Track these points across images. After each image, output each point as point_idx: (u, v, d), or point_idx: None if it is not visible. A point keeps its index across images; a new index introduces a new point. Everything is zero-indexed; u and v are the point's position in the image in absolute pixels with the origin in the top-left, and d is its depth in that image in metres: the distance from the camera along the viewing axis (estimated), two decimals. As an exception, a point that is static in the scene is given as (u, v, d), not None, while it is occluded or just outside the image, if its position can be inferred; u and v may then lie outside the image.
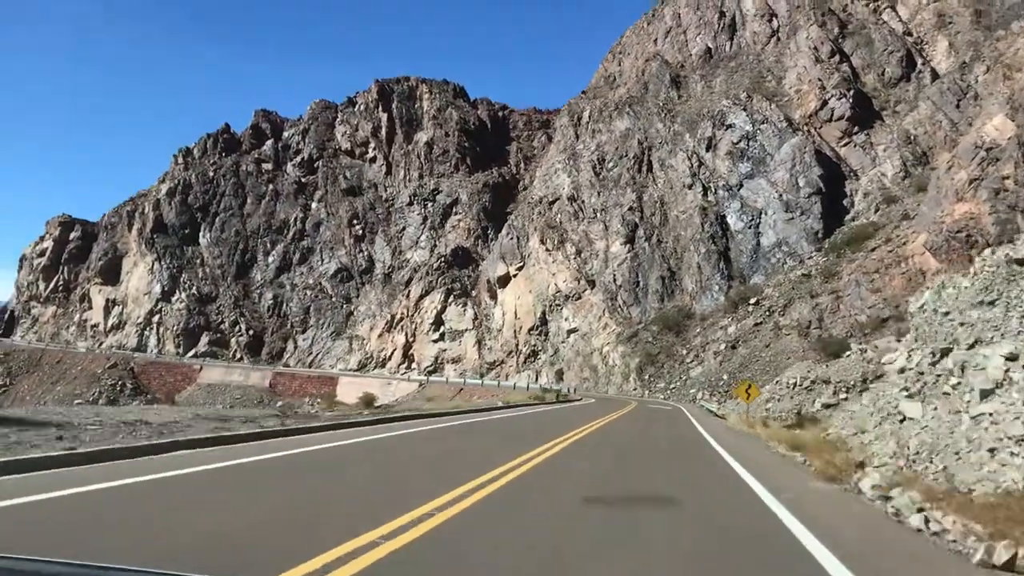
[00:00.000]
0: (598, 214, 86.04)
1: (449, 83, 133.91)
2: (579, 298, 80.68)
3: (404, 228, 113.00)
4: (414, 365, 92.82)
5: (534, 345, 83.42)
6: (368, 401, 42.04)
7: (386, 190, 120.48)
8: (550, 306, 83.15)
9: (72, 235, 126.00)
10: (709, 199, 76.91)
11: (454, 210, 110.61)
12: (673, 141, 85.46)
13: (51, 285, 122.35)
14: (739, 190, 75.03)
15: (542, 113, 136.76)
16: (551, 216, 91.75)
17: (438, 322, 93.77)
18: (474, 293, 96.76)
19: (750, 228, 71.90)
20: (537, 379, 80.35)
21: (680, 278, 74.08)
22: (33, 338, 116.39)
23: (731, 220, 74.01)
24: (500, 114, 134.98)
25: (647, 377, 63.29)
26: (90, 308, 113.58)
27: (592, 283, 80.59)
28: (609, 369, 69.53)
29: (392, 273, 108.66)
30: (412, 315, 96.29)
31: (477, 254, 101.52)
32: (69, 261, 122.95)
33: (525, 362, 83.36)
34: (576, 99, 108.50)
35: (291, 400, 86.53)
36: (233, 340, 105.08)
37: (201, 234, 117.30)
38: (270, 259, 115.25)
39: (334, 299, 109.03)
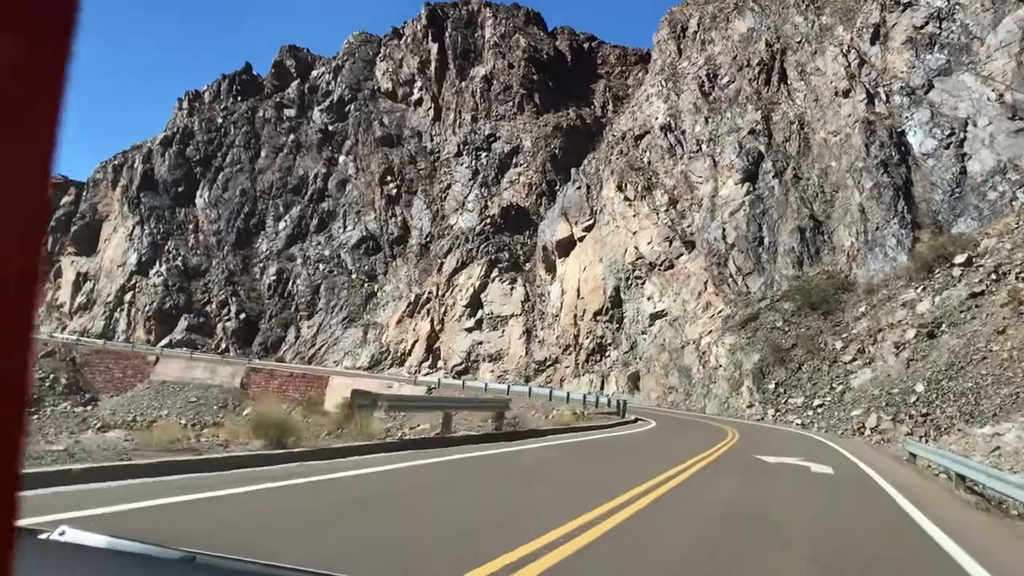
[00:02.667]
0: (704, 146, 63.46)
1: (520, 7, 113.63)
2: (670, 266, 58.34)
3: (449, 186, 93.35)
4: (440, 363, 72.75)
5: (601, 337, 61.67)
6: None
7: (431, 139, 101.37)
8: (627, 280, 61.14)
9: (64, 199, 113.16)
10: (878, 110, 53.08)
11: (513, 161, 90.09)
12: (819, 37, 61.88)
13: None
14: (927, 93, 50.95)
15: (641, 50, 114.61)
16: (636, 155, 69.72)
17: (475, 304, 73.44)
18: (527, 267, 75.93)
19: (947, 149, 47.77)
20: (603, 385, 58.72)
21: (830, 230, 50.70)
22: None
23: (914, 139, 50.06)
24: (586, 46, 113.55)
25: (772, 386, 40.74)
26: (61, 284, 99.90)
27: (690, 244, 58.15)
28: (710, 373, 47.13)
29: (431, 243, 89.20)
30: (443, 295, 76.29)
31: (538, 215, 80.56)
32: (56, 230, 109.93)
33: (587, 361, 61.75)
34: (680, 7, 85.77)
35: (265, 404, 69.24)
36: (220, 326, 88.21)
37: (199, 193, 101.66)
38: (281, 225, 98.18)
39: (354, 276, 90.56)
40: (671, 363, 51.24)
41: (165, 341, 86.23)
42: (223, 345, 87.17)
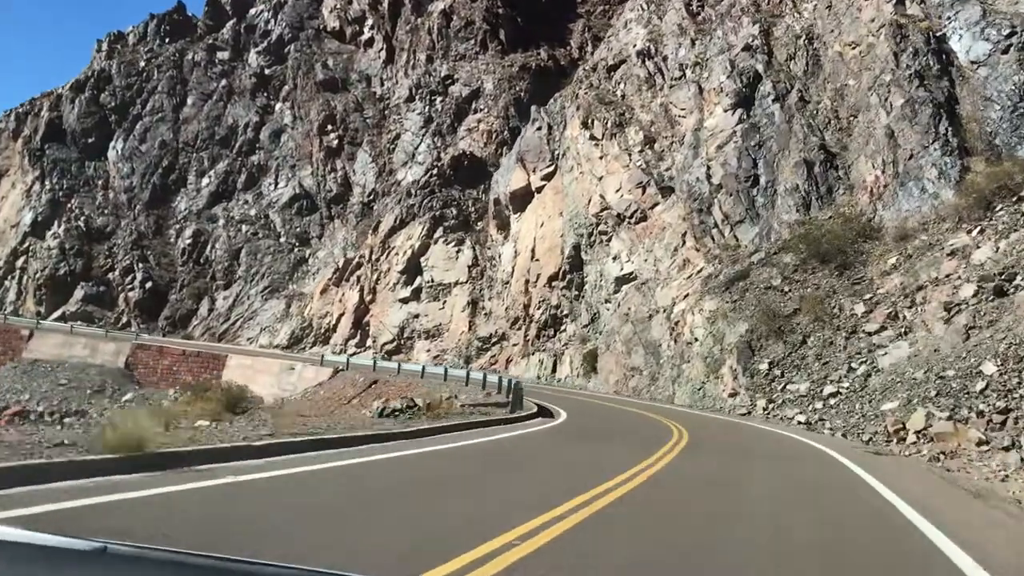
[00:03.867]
0: (688, 72, 52.30)
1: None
2: (642, 218, 47.33)
3: (398, 136, 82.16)
4: (369, 340, 61.88)
5: (556, 307, 50.83)
6: (233, 401, 26.24)
7: (382, 84, 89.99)
8: (590, 236, 50.15)
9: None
10: (910, 11, 41.93)
11: (472, 107, 78.90)
12: (834, -66, 50.60)
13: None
14: (977, -12, 39.80)
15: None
16: (608, 88, 58.51)
17: (413, 270, 62.48)
18: (479, 226, 64.92)
19: (1005, 54, 36.73)
20: (555, 367, 48.11)
21: (846, 163, 39.66)
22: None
23: (959, 44, 39.02)
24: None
25: (765, 367, 29.88)
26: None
27: (667, 191, 47.12)
28: (682, 349, 36.23)
29: (374, 202, 78.11)
30: (377, 259, 65.29)
31: (496, 167, 69.38)
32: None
33: (539, 337, 50.95)
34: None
35: (152, 388, 60.83)
36: (122, 296, 77.23)
37: (112, 145, 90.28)
38: (204, 182, 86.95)
39: (283, 239, 79.49)
40: (635, 337, 40.28)
41: (58, 313, 75.28)
42: (124, 319, 76.26)
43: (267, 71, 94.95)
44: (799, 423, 24.55)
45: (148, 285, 77.29)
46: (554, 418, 22.64)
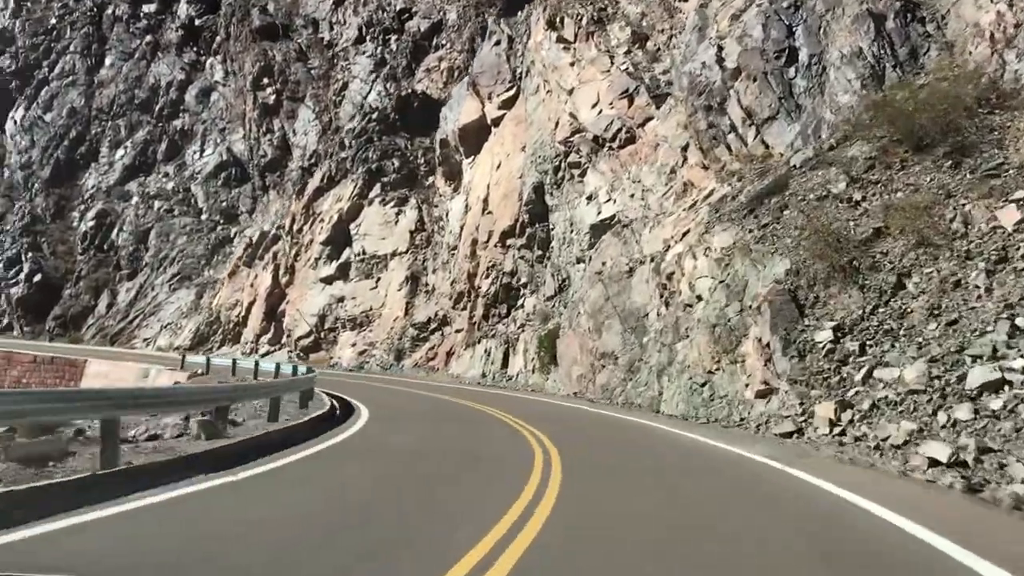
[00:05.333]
0: (690, -62, 38.14)
1: None
2: (629, 139, 33.36)
3: (346, 86, 68.52)
4: (285, 336, 48.43)
5: (512, 273, 36.86)
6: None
7: (331, 29, 76.51)
8: (557, 171, 36.22)
9: None
10: None
11: (433, 42, 65.16)
12: None
13: None
14: None
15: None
16: (586, -20, 44.50)
17: (340, 240, 48.96)
18: (428, 182, 51.11)
19: None
20: (506, 360, 34.29)
21: (937, 8, 25.46)
22: None
23: None
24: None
25: (827, 336, 15.94)
26: None
27: (661, 98, 33.21)
28: (676, 317, 22.21)
29: (316, 166, 64.62)
30: (299, 229, 51.86)
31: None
32: None
33: (487, 317, 36.95)
34: None
35: None
36: (3, 295, 64.59)
37: (11, 114, 77.75)
38: (119, 154, 74.03)
39: (204, 216, 66.26)
40: (608, 305, 26.25)
41: (-78, 318, 62.76)
42: (6, 320, 63.58)
43: (197, 21, 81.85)
44: (930, 464, 10.47)
45: (37, 279, 64.54)
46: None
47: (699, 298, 20.57)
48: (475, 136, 45.66)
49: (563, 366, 28.67)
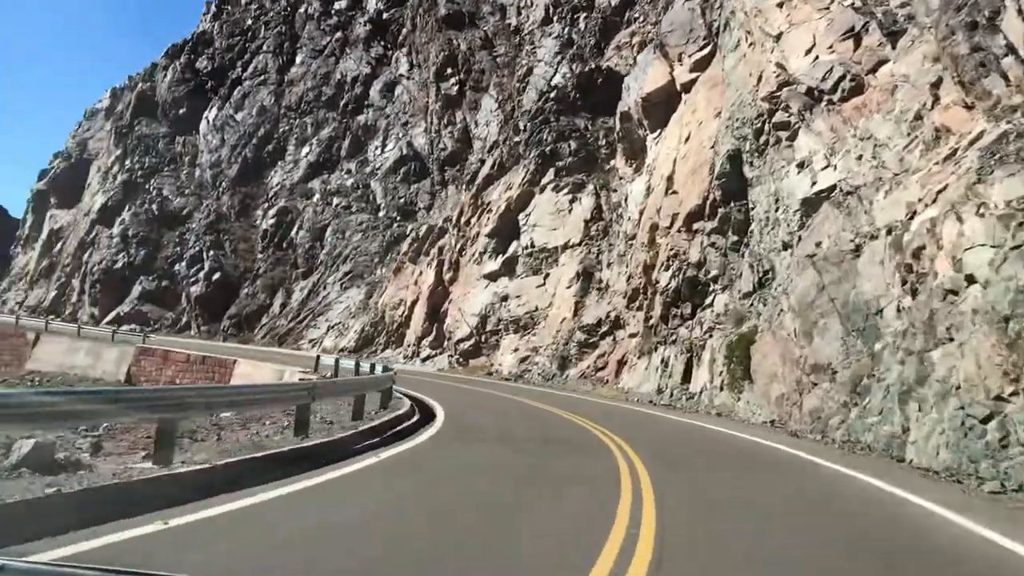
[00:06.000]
0: None
1: None
2: (856, 90, 25.64)
3: (530, 71, 63.66)
4: (446, 339, 43.66)
5: (699, 265, 29.64)
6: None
7: (519, 13, 72.16)
8: (759, 136, 28.95)
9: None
10: None
11: (625, 17, 59.02)
12: None
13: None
14: None
15: None
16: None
17: (508, 231, 43.62)
18: (608, 165, 44.74)
19: None
20: (688, 374, 27.47)
21: None
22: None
23: None
24: None
25: None
26: (32, 249, 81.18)
27: (897, 35, 25.30)
28: (932, 311, 14.79)
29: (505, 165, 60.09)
30: (466, 222, 47.17)
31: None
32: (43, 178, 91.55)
33: (666, 319, 29.94)
34: None
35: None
36: (184, 293, 64.48)
37: (205, 114, 79.01)
38: (304, 151, 73.14)
39: (381, 213, 63.43)
40: (822, 298, 18.88)
41: (112, 315, 63.84)
42: (184, 319, 63.44)
43: (385, 15, 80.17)
44: None
45: (216, 277, 64.10)
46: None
47: (970, 279, 13.08)
48: (661, 106, 38.90)
49: (759, 382, 21.52)
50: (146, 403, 9.03)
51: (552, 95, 50.56)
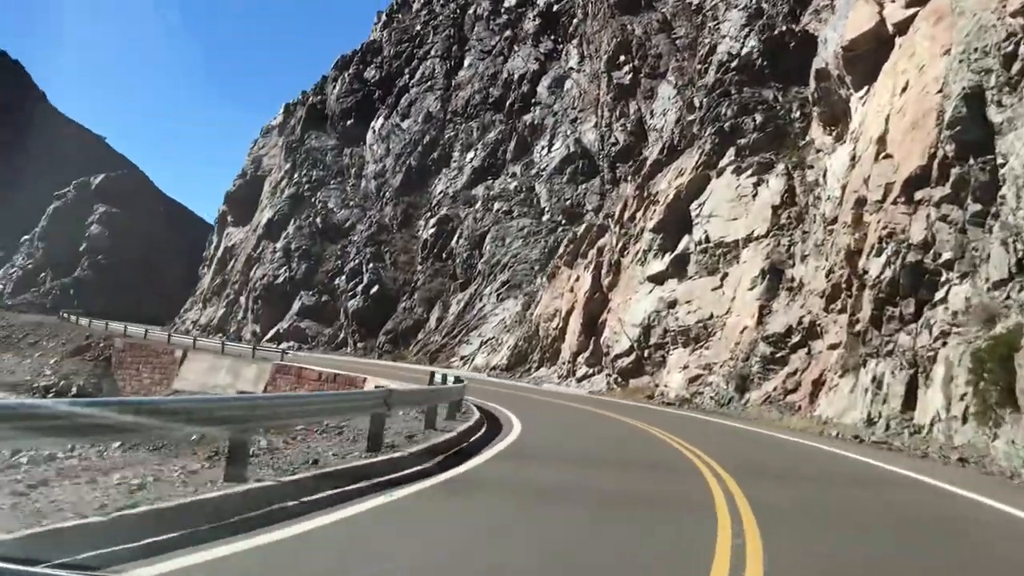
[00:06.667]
0: None
1: None
2: None
3: (713, 49, 56.17)
4: (604, 355, 37.06)
5: (923, 246, 21.70)
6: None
7: (702, -11, 64.88)
8: (1008, 62, 20.89)
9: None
10: None
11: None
12: None
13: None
14: None
15: None
16: None
17: (677, 225, 36.56)
18: (803, 141, 36.69)
19: None
20: (909, 397, 19.45)
21: None
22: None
23: None
24: None
25: None
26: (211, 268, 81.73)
27: None
28: None
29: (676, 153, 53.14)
30: (630, 217, 40.55)
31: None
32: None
33: (880, 323, 22.09)
34: None
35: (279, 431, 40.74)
36: (343, 308, 61.43)
37: (372, 124, 76.72)
38: (469, 156, 69.04)
39: (545, 217, 57.89)
40: None
41: (271, 334, 61.99)
42: (342, 335, 60.40)
43: (555, 7, 75.07)
44: None
45: (374, 291, 60.78)
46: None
47: None
48: (868, 57, 30.79)
49: (1030, 411, 13.85)
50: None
51: (733, 65, 43.12)
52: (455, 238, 61.52)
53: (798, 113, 38.75)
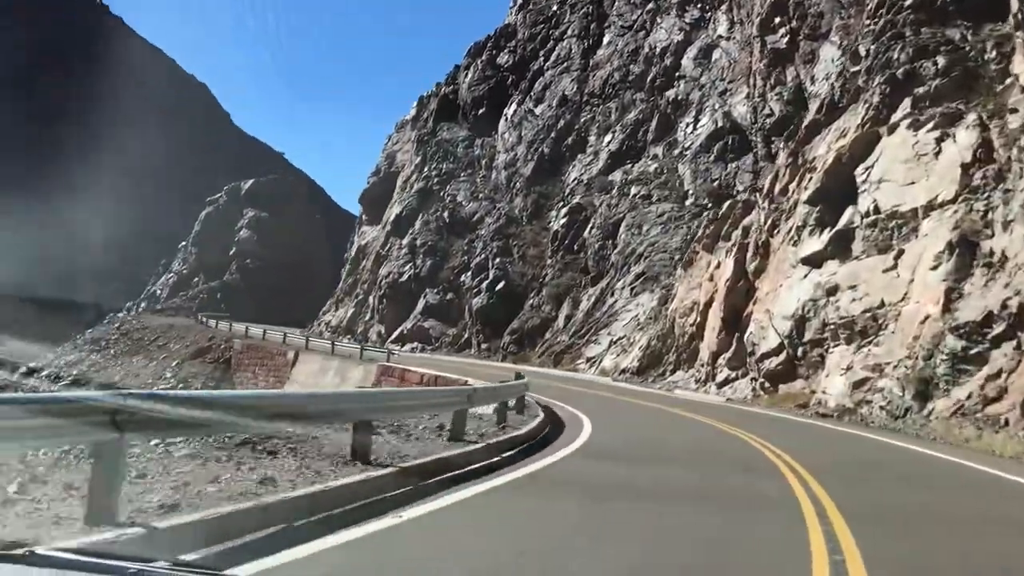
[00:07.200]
0: None
1: None
2: None
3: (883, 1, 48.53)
4: (748, 354, 30.86)
5: None
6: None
7: (869, -63, 56.94)
8: None
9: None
10: None
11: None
12: None
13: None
14: None
15: None
16: None
17: (837, 195, 29.94)
18: (1001, 85, 29.35)
19: None
20: None
21: None
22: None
23: None
24: None
25: None
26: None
27: None
28: None
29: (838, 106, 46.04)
30: (782, 188, 34.09)
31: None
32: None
33: None
34: None
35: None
36: (467, 306, 57.20)
37: (505, 110, 72.39)
38: (606, 139, 63.52)
39: (689, 201, 51.71)
40: None
41: (395, 334, 58.71)
42: (466, 335, 56.24)
43: (703, -31, 68.53)
44: None
45: (500, 287, 56.31)
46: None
47: None
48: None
49: None
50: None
51: (908, 2, 35.85)
52: (588, 228, 56.22)
53: (994, 53, 31.31)
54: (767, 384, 28.93)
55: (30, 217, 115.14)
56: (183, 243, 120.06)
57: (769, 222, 33.43)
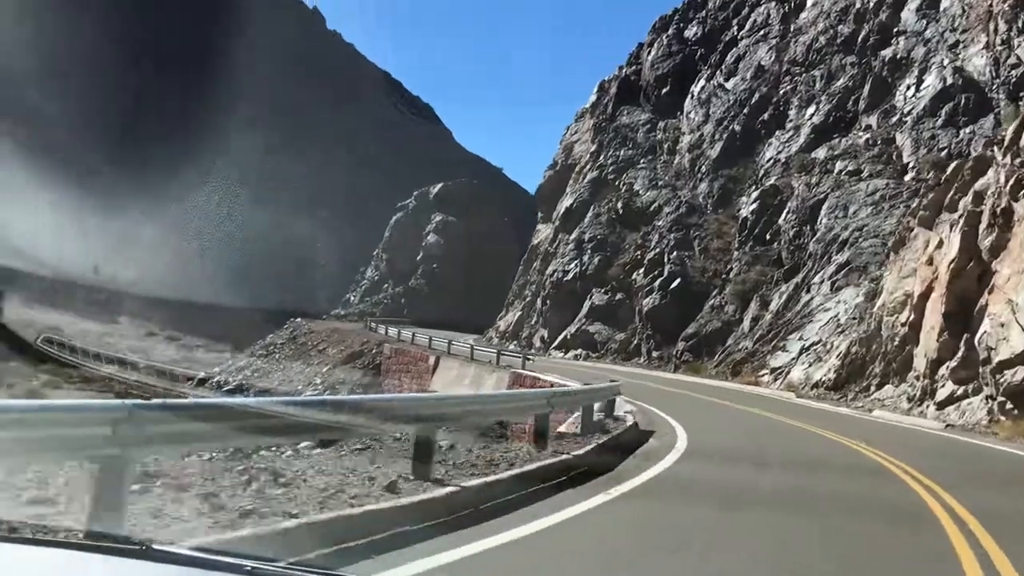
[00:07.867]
0: None
1: None
2: None
3: None
4: (986, 364, 22.22)
5: None
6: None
7: None
8: None
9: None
10: None
11: None
12: None
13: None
14: None
15: None
16: None
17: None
18: None
19: None
20: None
21: None
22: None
23: None
24: None
25: None
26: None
27: None
28: None
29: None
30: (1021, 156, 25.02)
31: None
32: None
33: None
34: None
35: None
36: (637, 307, 49.94)
37: (692, 87, 64.42)
38: (809, 111, 54.38)
39: (908, 176, 42.17)
40: None
41: (559, 339, 52.66)
42: (635, 341, 49.06)
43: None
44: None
45: (674, 285, 48.77)
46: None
47: None
48: None
49: None
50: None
51: None
52: (783, 214, 47.70)
53: None
54: (1009, 405, 20.29)
55: (258, 233, 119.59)
56: (376, 250, 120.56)
57: (1011, 182, 24.40)
